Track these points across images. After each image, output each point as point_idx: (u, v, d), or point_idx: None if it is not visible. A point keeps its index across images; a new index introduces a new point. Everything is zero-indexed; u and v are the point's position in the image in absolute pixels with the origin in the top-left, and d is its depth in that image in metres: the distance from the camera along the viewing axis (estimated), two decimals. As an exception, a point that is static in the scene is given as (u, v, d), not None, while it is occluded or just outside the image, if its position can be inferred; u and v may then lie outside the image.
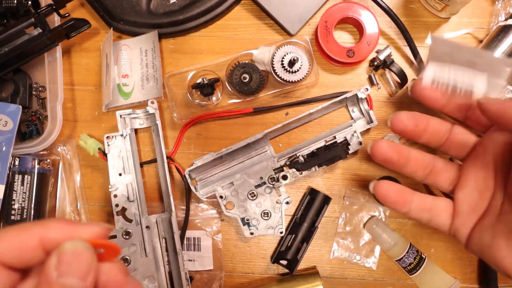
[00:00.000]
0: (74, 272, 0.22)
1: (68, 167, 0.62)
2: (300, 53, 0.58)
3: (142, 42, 0.63)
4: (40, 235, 0.23)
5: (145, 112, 0.60)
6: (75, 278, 0.22)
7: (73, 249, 0.22)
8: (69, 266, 0.22)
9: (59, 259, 0.22)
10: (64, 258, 0.22)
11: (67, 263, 0.22)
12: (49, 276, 0.21)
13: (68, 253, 0.22)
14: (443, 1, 0.58)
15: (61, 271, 0.22)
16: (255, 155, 0.61)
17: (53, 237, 0.23)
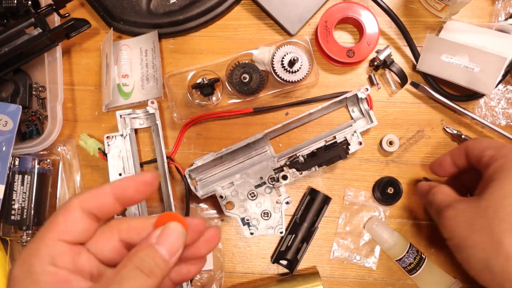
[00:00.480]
0: (167, 246, 0.28)
1: (68, 167, 0.62)
2: (300, 53, 0.58)
3: (142, 42, 0.63)
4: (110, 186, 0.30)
5: (145, 112, 0.60)
6: (166, 250, 0.28)
7: (174, 228, 0.29)
8: (166, 240, 0.28)
9: (162, 231, 0.29)
10: (166, 232, 0.29)
11: (166, 236, 0.28)
12: (150, 240, 0.28)
13: (170, 229, 0.29)
14: (443, 1, 0.58)
15: (159, 240, 0.28)
16: (255, 155, 0.61)
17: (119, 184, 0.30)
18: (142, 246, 0.28)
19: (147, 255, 0.27)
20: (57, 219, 0.29)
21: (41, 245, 0.27)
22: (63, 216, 0.29)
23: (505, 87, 0.62)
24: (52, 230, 0.28)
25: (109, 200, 0.30)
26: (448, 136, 0.62)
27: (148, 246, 0.28)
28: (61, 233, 0.28)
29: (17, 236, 0.58)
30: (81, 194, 0.30)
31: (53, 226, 0.28)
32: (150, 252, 0.27)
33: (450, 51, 0.57)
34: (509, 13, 0.61)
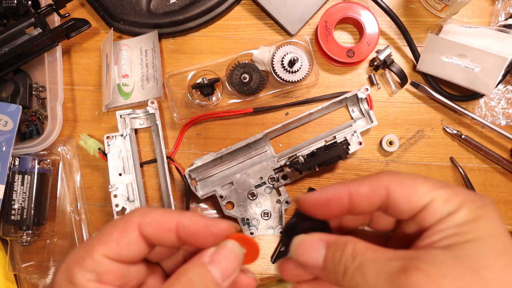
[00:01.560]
0: (221, 267, 0.25)
1: (68, 167, 0.62)
2: (300, 53, 0.58)
3: (142, 42, 0.63)
4: (178, 220, 0.26)
5: (145, 112, 0.60)
6: (219, 272, 0.25)
7: (231, 248, 0.26)
8: (220, 259, 0.25)
9: (217, 250, 0.25)
10: (221, 252, 0.25)
11: (221, 255, 0.25)
12: (202, 258, 0.25)
13: (226, 249, 0.26)
14: (443, 1, 0.58)
15: (213, 260, 0.25)
16: (255, 155, 0.61)
17: (187, 225, 0.26)
18: (193, 264, 0.25)
19: (198, 276, 0.24)
20: (111, 235, 0.26)
21: (87, 257, 0.25)
22: (119, 233, 0.26)
23: (505, 87, 0.62)
24: (102, 243, 0.26)
25: (170, 236, 0.26)
26: (448, 136, 0.62)
27: (200, 266, 0.25)
28: (110, 251, 0.25)
29: (17, 236, 0.58)
30: (145, 215, 0.26)
31: (105, 240, 0.26)
32: (201, 273, 0.25)
33: (450, 51, 0.57)
34: (509, 13, 0.61)
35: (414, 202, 0.24)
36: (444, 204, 0.23)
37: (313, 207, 0.26)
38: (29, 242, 0.59)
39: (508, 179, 0.61)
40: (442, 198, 0.23)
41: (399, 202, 0.24)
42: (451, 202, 0.23)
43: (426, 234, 0.23)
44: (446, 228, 0.22)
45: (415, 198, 0.24)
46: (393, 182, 0.24)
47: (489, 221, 0.22)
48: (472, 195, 0.24)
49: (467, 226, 0.22)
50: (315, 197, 0.26)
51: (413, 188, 0.24)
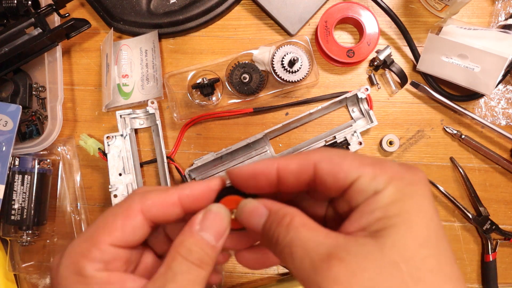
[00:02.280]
0: (212, 230, 0.26)
1: (68, 167, 0.62)
2: (300, 53, 0.58)
3: (142, 42, 0.63)
4: (178, 193, 0.27)
5: (145, 112, 0.60)
6: (211, 235, 0.26)
7: (217, 211, 0.26)
8: (210, 224, 0.26)
9: (204, 216, 0.26)
10: (208, 216, 0.26)
11: (209, 220, 0.26)
12: (193, 227, 0.26)
13: (212, 213, 0.26)
14: (443, 1, 0.58)
15: (203, 226, 0.26)
16: (255, 155, 0.61)
17: (189, 193, 0.27)
18: (186, 234, 0.26)
19: (194, 244, 0.25)
20: (114, 223, 0.26)
21: (93, 248, 0.25)
22: (122, 221, 0.26)
23: (505, 87, 0.62)
24: (107, 233, 0.26)
25: (175, 210, 0.27)
26: (448, 136, 0.62)
27: (193, 234, 0.26)
28: (116, 239, 0.26)
29: (17, 236, 0.58)
30: (145, 198, 0.27)
31: (109, 229, 0.26)
32: (196, 240, 0.25)
33: (450, 51, 0.57)
34: (509, 13, 0.61)
35: (340, 179, 0.23)
36: (371, 182, 0.22)
37: (242, 180, 0.27)
38: (29, 242, 0.59)
39: (508, 179, 0.62)
40: (369, 175, 0.22)
41: (326, 179, 0.24)
42: (378, 179, 0.22)
43: (355, 217, 0.23)
44: (374, 209, 0.22)
45: (342, 175, 0.23)
46: (322, 159, 0.24)
47: (416, 202, 0.21)
48: (401, 170, 0.23)
49: (393, 207, 0.21)
50: (244, 170, 0.27)
51: (340, 165, 0.23)
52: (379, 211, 0.21)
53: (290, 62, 0.57)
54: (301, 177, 0.25)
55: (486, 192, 0.61)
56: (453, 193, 0.61)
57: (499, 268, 0.60)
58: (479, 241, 0.61)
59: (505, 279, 0.61)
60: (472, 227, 0.61)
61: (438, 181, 0.61)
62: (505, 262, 0.61)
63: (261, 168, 0.26)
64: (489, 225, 0.59)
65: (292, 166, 0.25)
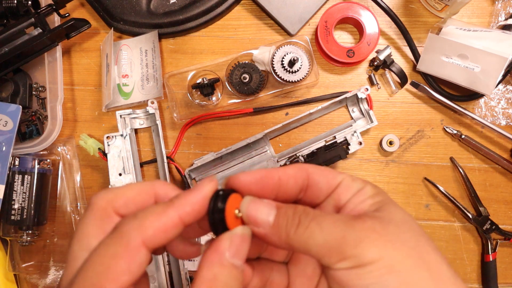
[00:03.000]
0: (241, 255, 0.25)
1: (68, 167, 0.62)
2: (300, 53, 0.58)
3: (142, 42, 0.63)
4: (178, 214, 0.25)
5: (145, 112, 0.60)
6: (240, 260, 0.25)
7: (243, 234, 0.25)
8: (238, 249, 0.25)
9: (231, 242, 0.25)
10: (236, 242, 0.25)
11: (237, 246, 0.25)
12: (223, 255, 0.24)
13: (239, 237, 0.25)
14: (443, 1, 0.58)
15: (232, 253, 0.24)
16: (255, 155, 0.61)
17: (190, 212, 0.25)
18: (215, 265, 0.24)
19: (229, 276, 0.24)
20: (118, 266, 0.23)
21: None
22: (126, 262, 0.23)
23: (505, 87, 0.62)
24: (113, 280, 0.23)
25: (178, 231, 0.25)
26: (448, 136, 0.62)
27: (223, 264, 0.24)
28: (124, 284, 0.23)
29: (17, 236, 0.58)
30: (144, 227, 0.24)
31: (114, 275, 0.23)
32: (231, 271, 0.24)
33: (450, 51, 0.57)
34: (509, 13, 0.61)
35: (330, 179, 0.28)
36: (353, 182, 0.27)
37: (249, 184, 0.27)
38: (29, 242, 0.59)
39: (508, 179, 0.62)
40: (350, 178, 0.28)
41: (319, 181, 0.28)
42: (357, 181, 0.27)
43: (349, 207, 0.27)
44: (364, 199, 0.26)
45: (330, 176, 0.28)
46: (312, 168, 0.28)
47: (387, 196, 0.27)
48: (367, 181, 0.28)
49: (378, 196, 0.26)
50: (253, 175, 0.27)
51: (328, 171, 0.28)
52: (370, 199, 0.26)
53: (290, 62, 0.57)
54: (298, 180, 0.28)
55: (486, 192, 0.61)
56: (453, 193, 0.61)
57: (499, 268, 0.60)
58: (479, 241, 0.61)
59: (505, 279, 0.61)
60: (472, 227, 0.61)
61: (438, 181, 0.61)
62: (505, 262, 0.61)
63: (266, 172, 0.27)
64: (489, 225, 0.59)
65: (290, 172, 0.28)
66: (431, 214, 0.61)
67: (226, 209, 0.25)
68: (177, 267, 0.57)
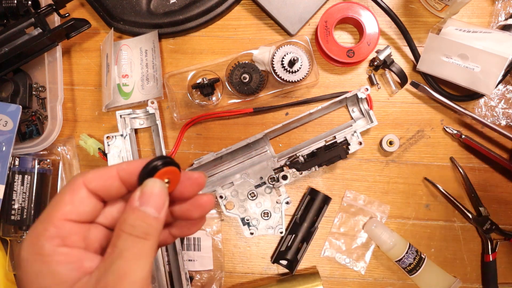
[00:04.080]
0: (152, 204, 0.27)
1: (68, 167, 0.62)
2: (300, 53, 0.58)
3: (142, 42, 0.63)
4: (116, 167, 0.29)
5: (145, 112, 0.60)
6: (152, 208, 0.27)
7: (152, 185, 0.28)
8: (148, 199, 0.27)
9: (141, 192, 0.27)
10: (145, 191, 0.27)
11: (147, 195, 0.27)
12: (133, 204, 0.27)
13: (148, 186, 0.28)
14: (443, 1, 0.58)
15: (142, 201, 0.27)
16: (255, 155, 0.61)
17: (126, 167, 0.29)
18: (127, 212, 0.27)
19: (136, 219, 0.27)
20: (63, 199, 0.28)
21: (49, 226, 0.27)
22: (70, 196, 0.28)
23: (505, 87, 0.62)
24: (59, 210, 0.27)
25: (114, 183, 0.29)
26: (448, 136, 0.62)
27: (134, 210, 0.27)
28: (69, 213, 0.27)
29: (17, 236, 0.58)
30: (86, 173, 0.29)
31: (60, 206, 0.28)
32: (138, 215, 0.27)
33: (451, 50, 0.57)
34: (509, 13, 0.61)
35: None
36: None
37: None
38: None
39: (508, 179, 0.62)
40: None
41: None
42: None
43: None
44: None
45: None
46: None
47: None
48: None
49: None
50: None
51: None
52: None
53: (290, 62, 0.57)
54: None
55: (486, 192, 0.61)
56: (453, 193, 0.61)
57: (499, 268, 0.60)
58: (479, 241, 0.61)
59: (505, 279, 0.61)
60: (472, 227, 0.61)
61: (438, 181, 0.61)
62: (505, 262, 0.61)
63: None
64: (489, 225, 0.59)
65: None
66: (431, 214, 0.61)
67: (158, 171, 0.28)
68: (177, 267, 0.57)
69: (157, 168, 0.28)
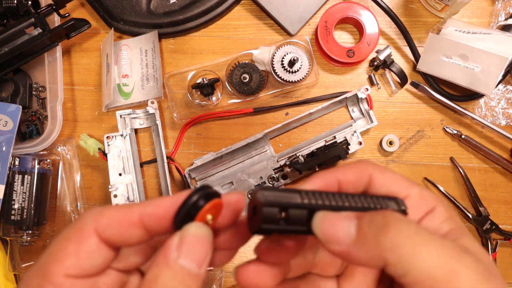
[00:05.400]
0: (193, 257, 0.21)
1: (68, 167, 0.62)
2: (300, 53, 0.58)
3: (142, 42, 0.63)
4: (139, 211, 0.23)
5: (145, 112, 0.60)
6: (193, 262, 0.21)
7: (196, 232, 0.22)
8: (190, 249, 0.21)
9: (181, 240, 0.21)
10: (187, 240, 0.21)
11: (188, 245, 0.21)
12: (169, 255, 0.21)
13: (191, 235, 0.22)
14: (443, 1, 0.58)
15: (182, 253, 0.21)
16: (255, 155, 0.61)
17: (152, 212, 0.23)
18: (160, 266, 0.21)
19: (173, 279, 0.21)
20: (66, 248, 0.22)
21: (44, 283, 0.21)
22: (75, 246, 0.22)
23: (505, 87, 0.62)
24: (59, 263, 0.22)
25: (135, 231, 0.23)
26: (448, 136, 0.62)
27: (170, 265, 0.21)
28: (71, 268, 0.22)
29: (17, 236, 0.58)
30: (99, 216, 0.23)
31: (61, 257, 0.22)
32: (175, 273, 0.21)
33: (451, 51, 0.57)
34: (509, 13, 0.61)
35: (395, 190, 0.24)
36: (422, 201, 0.23)
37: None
38: (29, 242, 0.59)
39: (508, 179, 0.61)
40: (417, 195, 0.24)
41: (380, 190, 0.24)
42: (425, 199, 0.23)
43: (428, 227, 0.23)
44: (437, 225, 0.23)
45: (395, 189, 0.24)
46: (376, 171, 0.24)
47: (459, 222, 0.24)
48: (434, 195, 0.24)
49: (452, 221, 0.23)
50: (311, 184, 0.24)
51: (394, 180, 0.24)
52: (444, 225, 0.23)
53: (290, 62, 0.57)
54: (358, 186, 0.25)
55: (486, 192, 0.61)
56: (453, 193, 0.61)
57: (499, 268, 0.60)
58: (479, 241, 0.61)
59: (505, 279, 0.60)
60: (472, 227, 0.61)
61: (438, 181, 0.61)
62: (505, 262, 0.61)
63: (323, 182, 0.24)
64: (489, 225, 0.59)
65: (350, 177, 0.24)
66: (431, 214, 0.61)
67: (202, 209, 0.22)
68: (177, 267, 0.57)
69: (198, 208, 0.22)
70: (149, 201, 0.23)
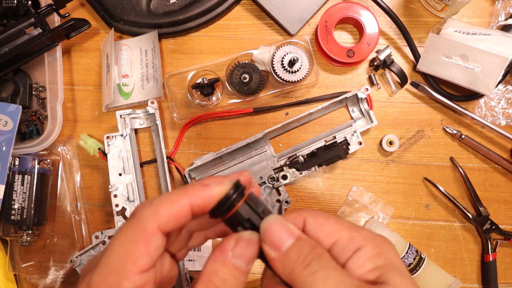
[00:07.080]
0: (245, 257, 0.26)
1: (68, 167, 0.62)
2: (300, 53, 0.58)
3: (142, 42, 0.63)
4: (190, 203, 0.27)
5: (145, 112, 0.60)
6: (244, 261, 0.26)
7: (249, 238, 0.27)
8: (242, 251, 0.26)
9: (236, 243, 0.26)
10: (241, 243, 0.26)
11: (242, 247, 0.26)
12: (226, 254, 0.26)
13: (244, 240, 0.26)
14: (443, 1, 0.58)
15: (235, 253, 0.26)
16: (255, 155, 0.61)
17: (201, 203, 0.27)
18: (218, 262, 0.26)
19: (228, 273, 0.26)
20: (137, 250, 0.25)
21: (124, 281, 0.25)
22: (144, 246, 0.25)
23: (505, 87, 0.62)
24: (133, 263, 0.25)
25: (187, 218, 0.27)
26: (448, 136, 0.62)
27: (226, 263, 0.26)
28: (144, 265, 0.25)
29: (17, 236, 0.58)
30: (158, 214, 0.26)
31: (134, 258, 0.25)
32: (230, 270, 0.26)
33: (451, 51, 0.57)
34: (509, 13, 0.61)
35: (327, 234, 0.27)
36: (350, 241, 0.26)
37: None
38: (29, 242, 0.59)
39: (508, 179, 0.62)
40: (345, 237, 0.26)
41: (310, 233, 0.27)
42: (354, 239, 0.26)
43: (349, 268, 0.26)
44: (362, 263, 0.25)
45: (323, 233, 0.27)
46: (309, 216, 0.28)
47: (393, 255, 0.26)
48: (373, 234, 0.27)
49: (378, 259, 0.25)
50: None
51: (324, 225, 0.27)
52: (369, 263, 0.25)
53: (290, 62, 0.57)
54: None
55: (486, 192, 0.61)
56: (453, 193, 0.61)
57: (499, 268, 0.60)
58: (479, 241, 0.61)
59: (505, 279, 0.61)
60: (472, 227, 0.61)
61: (438, 181, 0.61)
62: (505, 262, 0.61)
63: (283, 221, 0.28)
64: (489, 225, 0.59)
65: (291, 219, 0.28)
66: (431, 214, 0.61)
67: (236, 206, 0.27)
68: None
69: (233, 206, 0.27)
70: (193, 191, 0.27)
